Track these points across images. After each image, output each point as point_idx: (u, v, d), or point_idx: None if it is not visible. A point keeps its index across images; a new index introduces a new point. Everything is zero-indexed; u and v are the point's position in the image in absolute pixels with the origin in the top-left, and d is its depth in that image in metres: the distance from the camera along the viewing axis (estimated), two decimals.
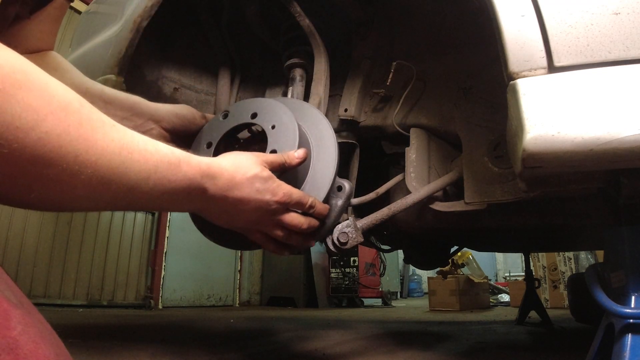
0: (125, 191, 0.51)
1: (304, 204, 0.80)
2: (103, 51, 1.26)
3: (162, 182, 0.55)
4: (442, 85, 1.32)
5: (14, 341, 0.34)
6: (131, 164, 0.50)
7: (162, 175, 0.55)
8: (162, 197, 0.56)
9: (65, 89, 0.45)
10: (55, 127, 0.42)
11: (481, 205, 1.14)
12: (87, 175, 0.46)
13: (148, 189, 0.53)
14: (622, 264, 0.87)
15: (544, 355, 1.80)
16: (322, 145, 0.95)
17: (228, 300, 6.09)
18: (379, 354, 1.69)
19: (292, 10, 1.23)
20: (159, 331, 2.48)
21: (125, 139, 0.50)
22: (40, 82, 0.43)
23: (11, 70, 0.40)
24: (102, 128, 0.47)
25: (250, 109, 0.96)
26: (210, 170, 0.64)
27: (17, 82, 0.40)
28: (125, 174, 0.49)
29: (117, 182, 0.49)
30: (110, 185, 0.49)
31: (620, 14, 0.71)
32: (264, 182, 0.73)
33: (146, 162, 0.52)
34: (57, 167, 0.43)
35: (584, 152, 0.68)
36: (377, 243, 2.48)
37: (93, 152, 0.46)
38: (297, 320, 3.46)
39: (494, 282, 8.69)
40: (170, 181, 0.56)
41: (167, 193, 0.57)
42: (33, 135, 0.41)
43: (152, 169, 0.53)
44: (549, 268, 5.02)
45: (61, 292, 4.23)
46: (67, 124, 0.43)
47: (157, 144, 0.55)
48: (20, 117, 0.40)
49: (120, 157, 0.49)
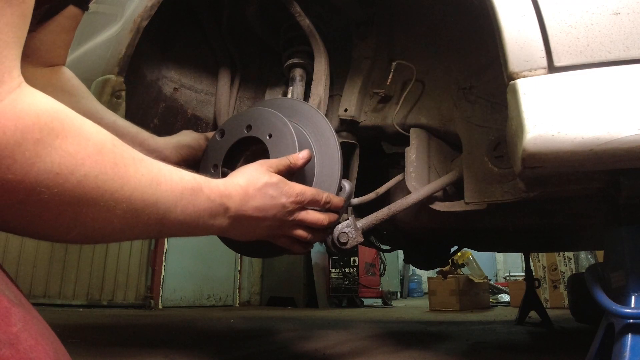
0: (156, 220, 0.54)
1: (319, 200, 0.82)
2: (103, 51, 1.26)
3: (187, 207, 0.58)
4: (442, 85, 1.32)
5: (14, 337, 0.34)
6: (160, 194, 0.53)
7: (188, 201, 0.58)
8: (188, 222, 0.60)
9: (98, 130, 0.48)
10: (93, 170, 0.45)
11: (481, 205, 1.14)
12: (122, 209, 0.49)
13: (176, 215, 0.57)
14: (622, 264, 0.87)
15: (544, 355, 1.79)
16: (325, 147, 0.95)
17: (228, 300, 6.09)
18: (379, 354, 1.69)
19: (292, 10, 1.23)
20: (159, 331, 2.48)
21: (153, 172, 0.53)
22: (75, 128, 0.44)
23: (48, 119, 0.42)
24: (133, 164, 0.50)
25: (244, 122, 0.95)
26: (226, 190, 0.68)
27: (54, 130, 0.42)
28: (156, 204, 0.53)
29: (148, 212, 0.52)
30: (143, 216, 0.52)
31: (620, 14, 0.71)
32: (275, 187, 0.75)
33: (173, 191, 0.56)
34: (95, 206, 0.46)
35: (584, 152, 0.68)
36: (377, 243, 2.48)
37: (127, 188, 0.48)
38: (297, 320, 3.46)
39: (494, 282, 8.69)
40: (194, 205, 0.60)
41: (193, 217, 0.60)
42: (72, 180, 0.43)
43: (178, 197, 0.57)
44: (549, 268, 5.01)
45: (61, 292, 4.23)
46: (103, 165, 0.46)
47: (180, 172, 0.59)
48: (60, 164, 0.42)
49: (151, 189, 0.52)
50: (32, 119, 0.40)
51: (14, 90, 0.40)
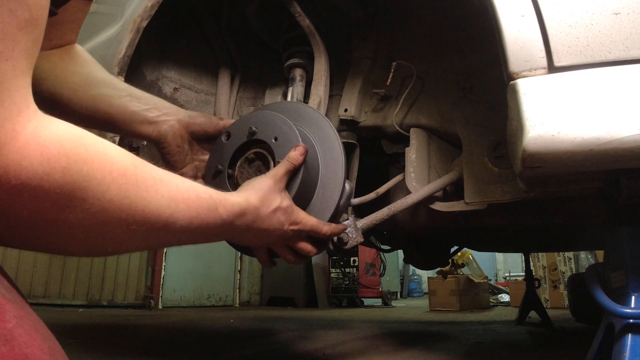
0: (172, 237, 0.57)
1: (318, 232, 0.88)
2: (103, 51, 1.26)
3: (201, 225, 0.61)
4: (442, 85, 1.32)
5: (9, 333, 0.34)
6: (178, 213, 0.55)
7: (202, 219, 0.61)
8: (199, 236, 0.63)
9: (119, 152, 0.49)
10: (118, 194, 0.46)
11: (481, 205, 1.14)
12: (144, 230, 0.51)
13: (190, 231, 0.59)
14: (622, 264, 0.87)
15: (544, 355, 1.79)
16: (329, 150, 0.97)
17: (228, 300, 6.09)
18: (379, 354, 1.69)
19: (292, 10, 1.23)
20: (159, 331, 2.48)
21: (172, 192, 0.55)
22: (99, 153, 0.45)
23: (74, 146, 0.42)
24: (153, 186, 0.51)
25: (250, 125, 0.97)
26: (240, 211, 0.71)
27: (81, 157, 0.42)
28: (174, 223, 0.55)
29: (166, 230, 0.54)
30: (160, 234, 0.54)
31: (620, 14, 0.71)
32: (284, 213, 0.80)
33: (189, 209, 0.57)
34: (118, 228, 0.47)
35: (584, 152, 0.68)
36: (377, 243, 2.48)
37: (149, 209, 0.50)
38: (297, 320, 3.46)
39: (494, 282, 8.69)
40: (208, 223, 0.62)
41: (205, 233, 0.64)
42: (98, 206, 0.44)
43: (194, 215, 0.59)
44: (549, 268, 5.01)
45: (61, 292, 4.23)
46: (126, 188, 0.47)
47: (196, 189, 0.61)
48: (87, 190, 0.43)
49: (170, 210, 0.54)
50: (57, 147, 0.40)
51: (32, 119, 0.40)
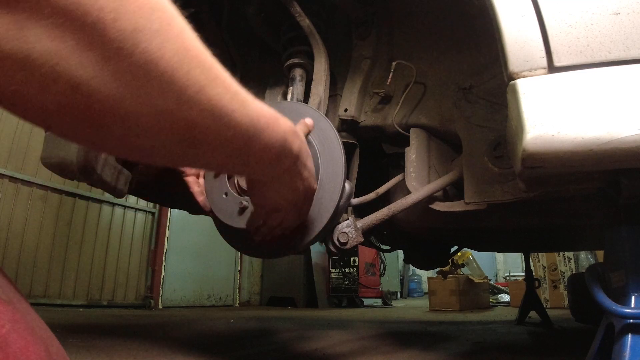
0: (242, 145, 0.50)
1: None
2: None
3: (272, 135, 0.55)
4: (442, 85, 1.32)
5: (3, 340, 0.33)
6: (249, 119, 0.49)
7: (272, 129, 0.55)
8: (268, 152, 0.57)
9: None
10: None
11: (481, 205, 1.14)
12: (231, 134, 0.47)
13: (257, 145, 0.53)
14: (622, 264, 0.87)
15: (544, 355, 1.79)
16: (329, 149, 0.96)
17: (228, 300, 6.10)
18: (379, 354, 1.69)
19: (292, 10, 1.23)
20: (159, 331, 2.48)
21: (247, 97, 0.50)
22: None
23: None
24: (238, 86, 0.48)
25: None
26: (293, 128, 0.64)
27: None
28: (247, 130, 0.49)
29: (242, 134, 0.49)
30: (238, 137, 0.49)
31: (620, 14, 0.71)
32: (310, 170, 0.73)
33: (259, 118, 0.52)
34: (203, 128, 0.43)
35: (584, 152, 0.68)
36: (377, 243, 2.48)
37: (239, 114, 0.47)
38: (297, 320, 3.46)
39: (494, 282, 8.69)
40: (271, 137, 0.56)
41: (274, 145, 0.57)
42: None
43: (264, 126, 0.53)
44: (549, 268, 5.02)
45: (61, 292, 4.23)
46: (227, 88, 0.47)
47: (255, 100, 0.54)
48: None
49: (248, 117, 0.49)
50: None
51: None
